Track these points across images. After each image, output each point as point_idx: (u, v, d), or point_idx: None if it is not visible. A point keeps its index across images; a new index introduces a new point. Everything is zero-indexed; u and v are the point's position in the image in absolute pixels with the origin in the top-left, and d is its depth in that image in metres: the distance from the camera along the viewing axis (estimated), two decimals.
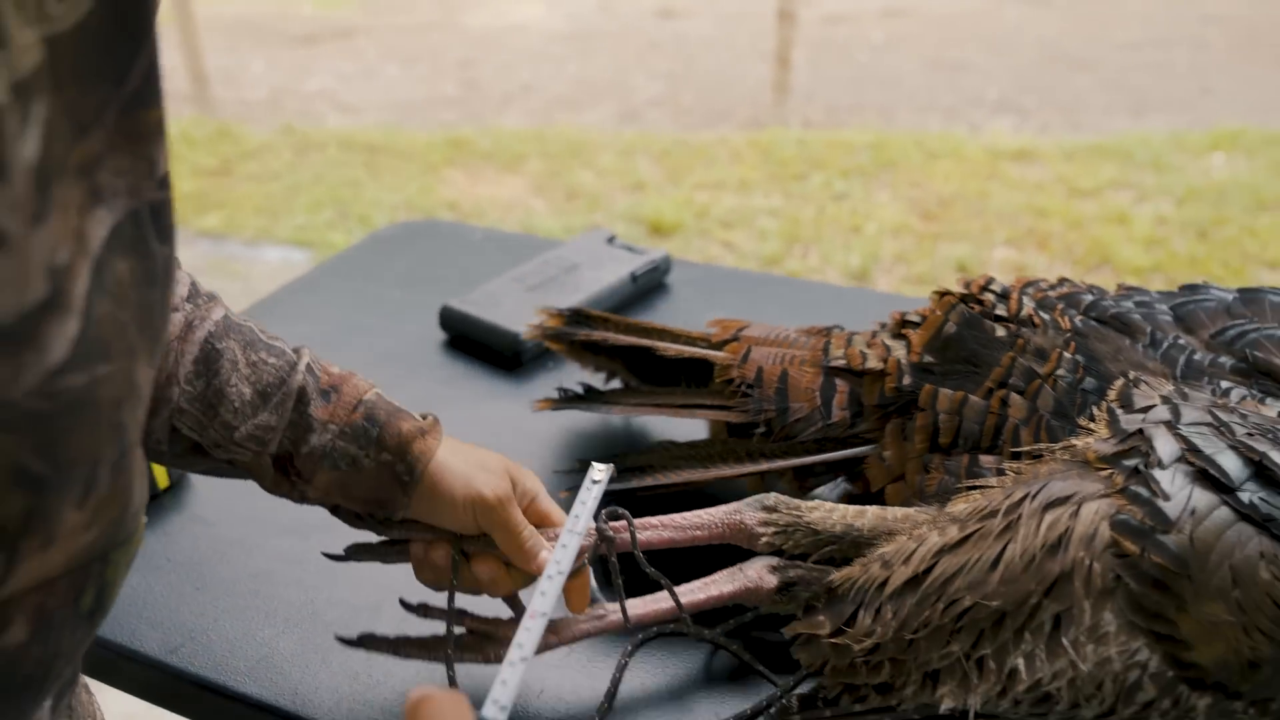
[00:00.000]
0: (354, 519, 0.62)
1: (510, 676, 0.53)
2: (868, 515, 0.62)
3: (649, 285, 1.12)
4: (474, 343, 1.03)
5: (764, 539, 0.61)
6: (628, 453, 0.77)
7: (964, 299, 0.71)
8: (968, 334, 0.67)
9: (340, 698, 0.64)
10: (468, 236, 1.29)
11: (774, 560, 0.63)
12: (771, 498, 0.64)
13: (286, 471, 0.59)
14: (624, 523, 0.62)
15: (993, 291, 0.71)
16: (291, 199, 3.81)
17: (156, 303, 0.39)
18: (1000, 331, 0.66)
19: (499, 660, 0.60)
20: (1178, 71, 5.00)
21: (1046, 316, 0.67)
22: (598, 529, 0.62)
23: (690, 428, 0.86)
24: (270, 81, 5.33)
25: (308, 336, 1.09)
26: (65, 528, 0.37)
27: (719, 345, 0.77)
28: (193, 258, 3.39)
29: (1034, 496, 0.56)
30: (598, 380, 0.90)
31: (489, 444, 0.86)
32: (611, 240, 1.17)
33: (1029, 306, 0.68)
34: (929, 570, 0.56)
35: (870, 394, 0.69)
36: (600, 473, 0.63)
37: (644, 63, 5.41)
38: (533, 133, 4.37)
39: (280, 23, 6.40)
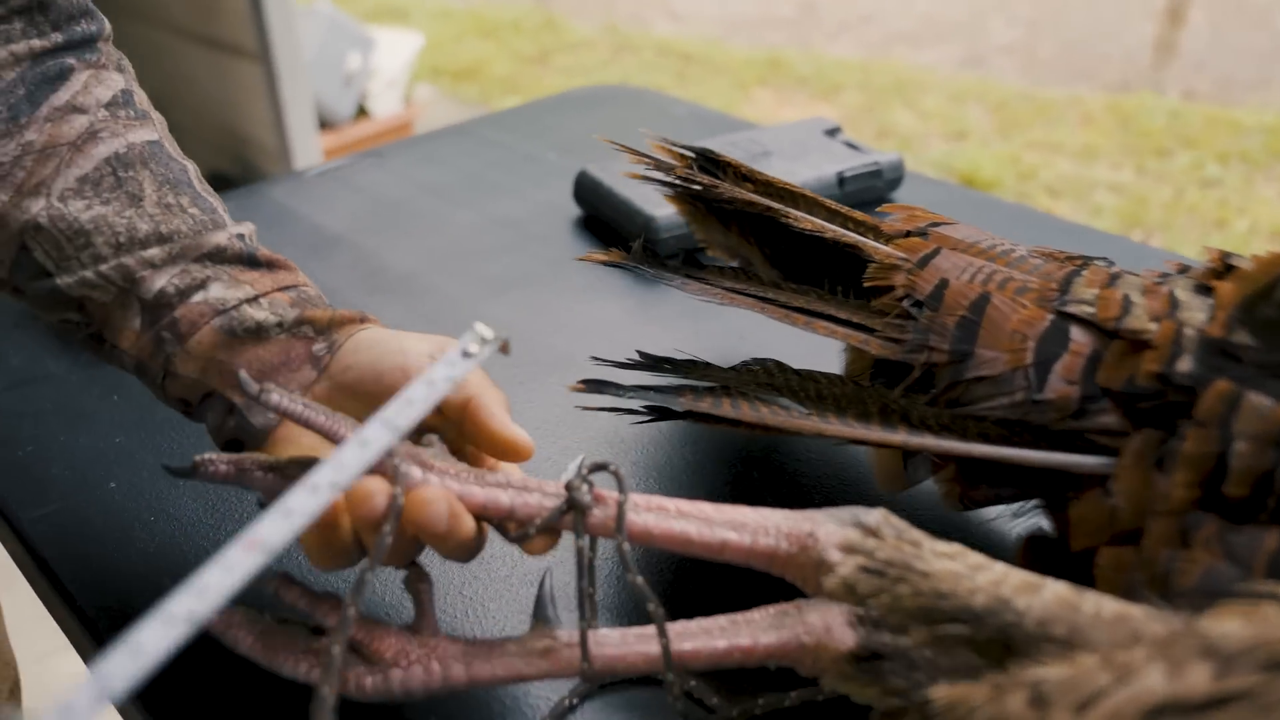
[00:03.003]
0: (223, 420, 0.44)
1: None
2: (1043, 596, 0.32)
3: (864, 196, 0.82)
4: (605, 224, 0.79)
5: (839, 576, 0.34)
6: (698, 364, 0.50)
7: None
8: None
9: None
10: (669, 109, 1.05)
11: (859, 609, 0.36)
12: (876, 515, 0.36)
13: (155, 324, 0.43)
14: (613, 493, 0.37)
15: None
16: None
17: None
18: None
19: (353, 692, 0.37)
20: None
21: None
22: (569, 488, 0.37)
23: (825, 358, 0.57)
24: None
25: (426, 181, 0.92)
26: None
27: (893, 239, 0.48)
28: None
29: None
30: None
31: (570, 348, 0.63)
32: (833, 133, 0.88)
33: None
34: None
35: (1116, 372, 0.38)
36: (484, 337, 0.39)
37: (1005, 6, 4.81)
38: (858, 64, 4.01)
39: None
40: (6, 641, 0.64)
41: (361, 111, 2.34)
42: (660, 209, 0.74)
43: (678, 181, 0.55)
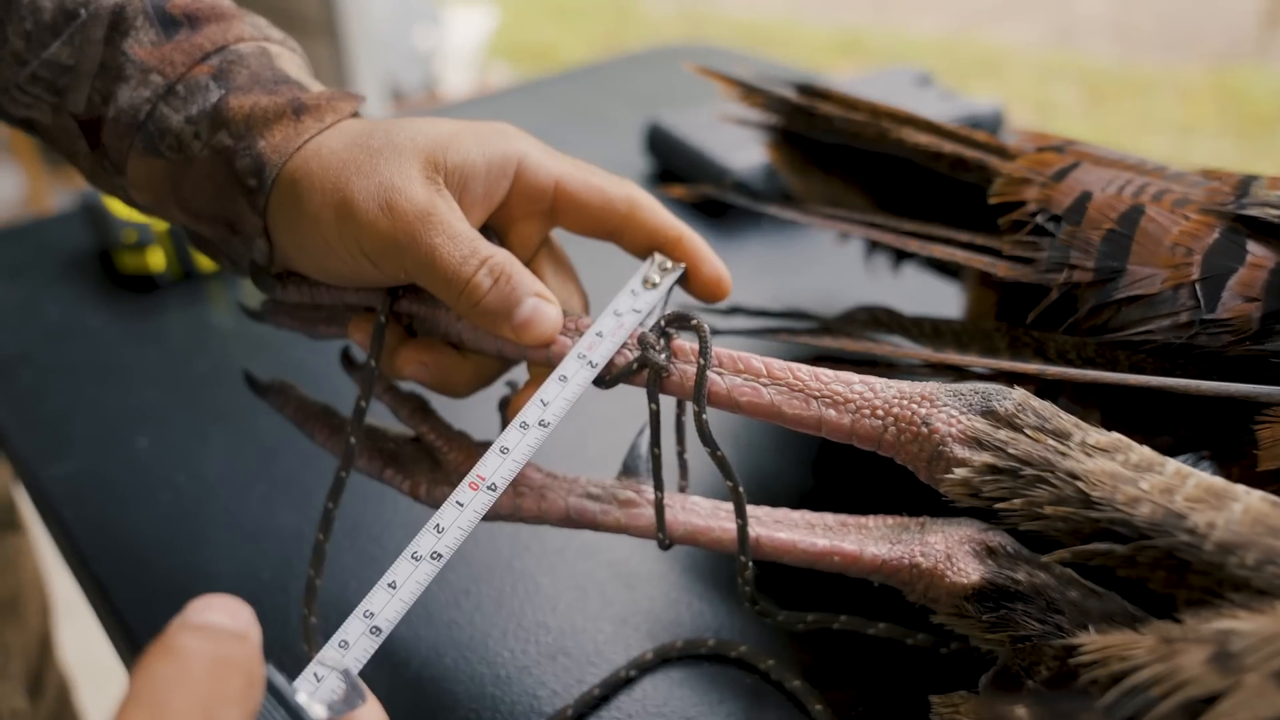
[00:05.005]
0: (213, 253, 0.37)
1: (401, 585, 0.28)
2: (1231, 511, 0.26)
3: None
4: (678, 177, 0.74)
5: (959, 476, 0.28)
6: (797, 313, 0.45)
7: None
8: None
9: None
10: (744, 67, 0.98)
11: (992, 534, 0.31)
12: (1015, 397, 0.29)
13: (96, 148, 0.35)
14: (693, 342, 0.32)
15: None
16: None
17: None
18: None
19: (423, 498, 0.35)
20: None
21: None
22: (642, 343, 0.32)
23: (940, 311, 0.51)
24: None
25: None
26: None
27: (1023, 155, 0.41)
28: None
29: None
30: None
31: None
32: (925, 83, 0.81)
33: None
34: None
35: None
36: (664, 265, 0.34)
37: None
38: (939, 41, 3.88)
39: None
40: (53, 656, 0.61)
41: (433, 89, 2.32)
42: (737, 158, 0.68)
43: (782, 106, 0.48)
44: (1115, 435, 0.28)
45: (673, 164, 0.74)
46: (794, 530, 0.32)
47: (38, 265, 0.66)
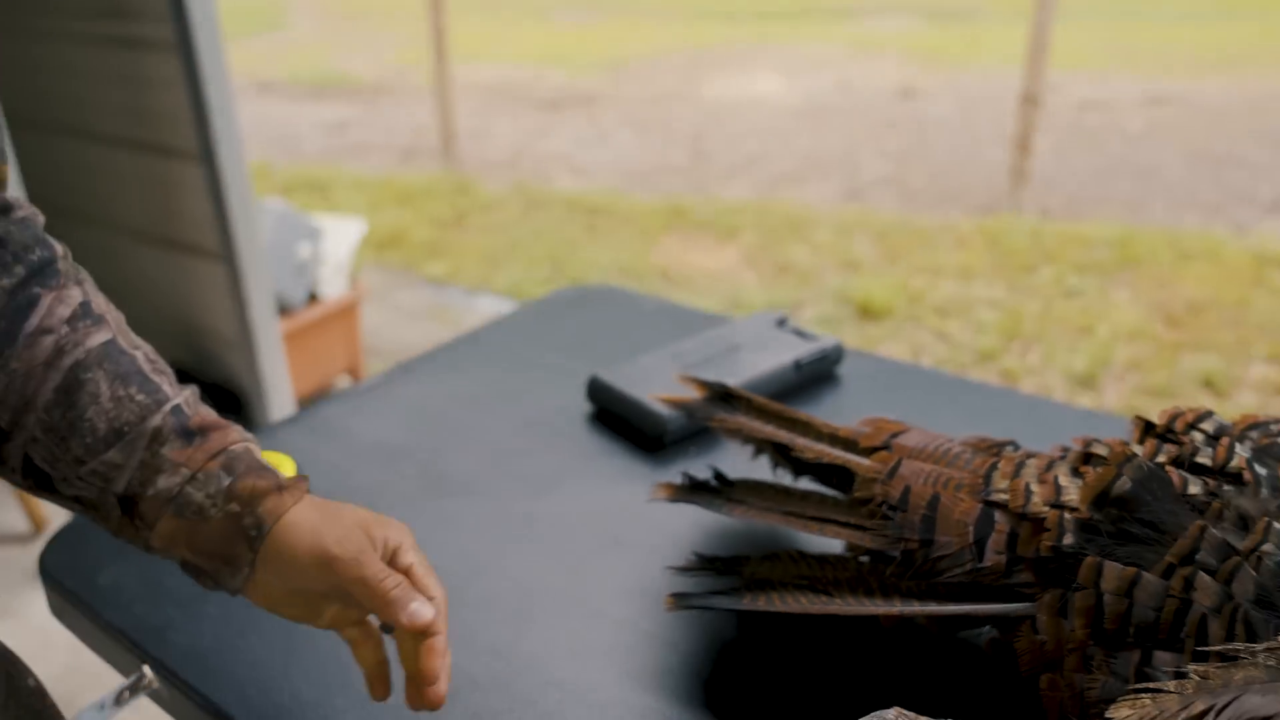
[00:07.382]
0: (201, 576, 0.57)
1: None
2: None
3: (815, 374, 1.04)
4: (619, 419, 0.98)
5: None
6: (748, 557, 0.69)
7: (1163, 435, 0.59)
8: (1145, 493, 0.54)
9: None
10: (641, 306, 1.25)
11: None
12: (890, 714, 0.48)
13: (131, 514, 0.55)
14: None
15: (1202, 431, 0.58)
16: (512, 253, 3.97)
17: None
18: (1195, 488, 0.53)
19: None
20: None
21: (1262, 471, 0.53)
22: None
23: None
24: (512, 142, 5.64)
25: (455, 395, 1.10)
26: None
27: (868, 451, 0.68)
28: (415, 300, 3.59)
29: (1219, 712, 0.43)
30: (743, 455, 0.83)
31: (616, 530, 0.80)
32: (782, 324, 1.10)
33: (1241, 457, 0.55)
34: None
35: (1026, 545, 0.57)
36: None
37: (876, 141, 5.31)
38: (752, 204, 4.37)
39: (530, 88, 6.79)
40: None
41: (312, 296, 2.50)
42: (666, 409, 0.93)
43: (708, 422, 0.75)
44: None
45: (612, 409, 0.98)
46: None
47: None
